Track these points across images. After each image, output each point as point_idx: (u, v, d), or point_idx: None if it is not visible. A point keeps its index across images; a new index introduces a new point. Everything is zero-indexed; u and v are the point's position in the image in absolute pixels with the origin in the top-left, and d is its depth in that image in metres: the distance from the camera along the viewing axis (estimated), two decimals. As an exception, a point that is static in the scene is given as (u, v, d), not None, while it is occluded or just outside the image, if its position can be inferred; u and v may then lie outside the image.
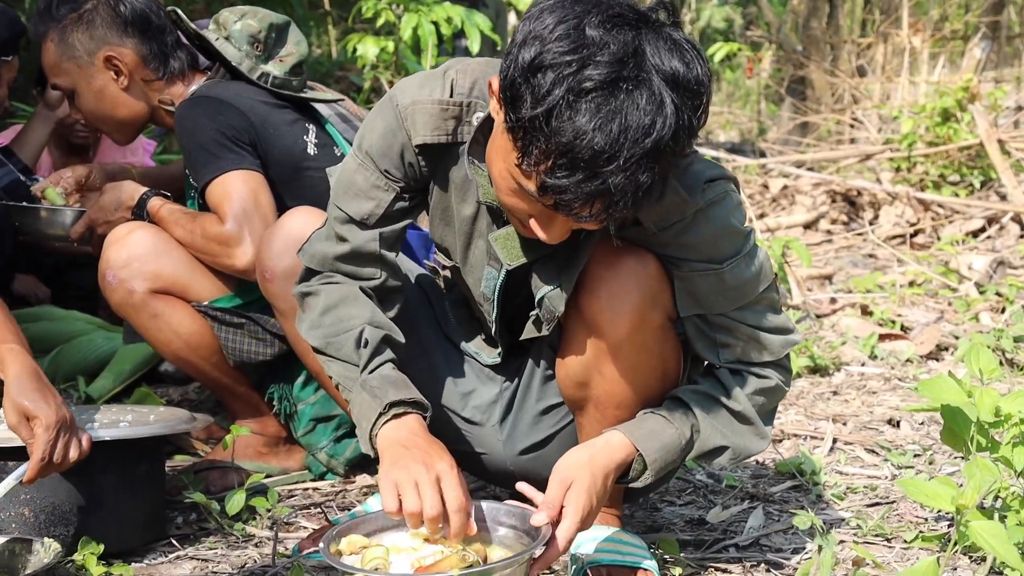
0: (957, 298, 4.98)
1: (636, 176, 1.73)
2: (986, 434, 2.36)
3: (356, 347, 2.16)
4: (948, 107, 7.23)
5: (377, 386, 2.11)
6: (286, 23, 3.09)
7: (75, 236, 3.05)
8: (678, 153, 1.79)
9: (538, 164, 1.75)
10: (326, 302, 2.23)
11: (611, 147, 1.70)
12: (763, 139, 11.35)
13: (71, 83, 3.02)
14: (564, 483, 1.99)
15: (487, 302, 2.26)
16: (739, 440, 2.15)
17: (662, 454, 2.08)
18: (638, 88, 1.71)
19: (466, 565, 1.89)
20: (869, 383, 3.93)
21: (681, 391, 2.16)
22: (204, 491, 2.78)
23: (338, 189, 2.22)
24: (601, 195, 1.75)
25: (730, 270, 2.06)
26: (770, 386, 2.17)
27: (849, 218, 7.06)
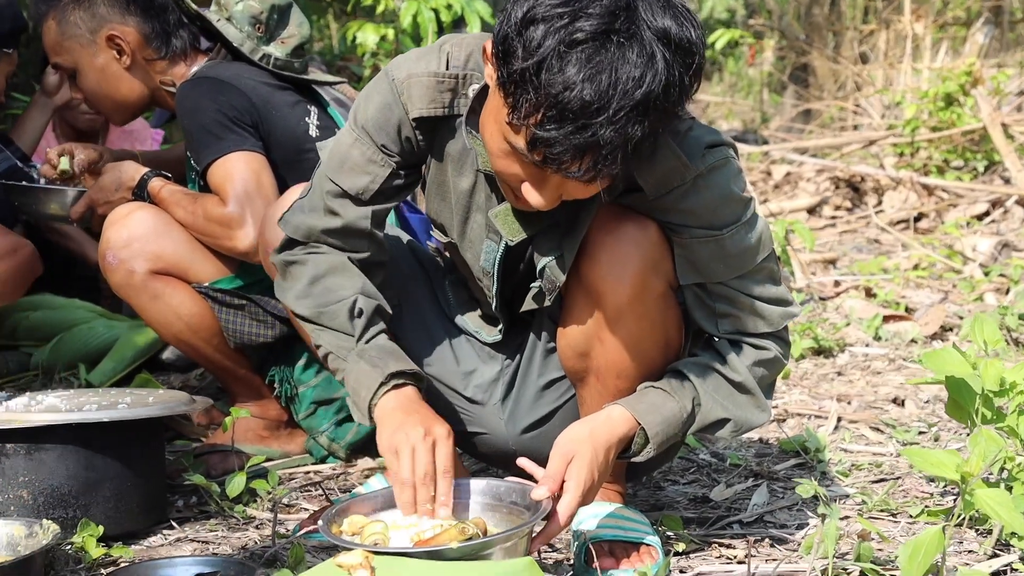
0: (962, 279, 4.96)
1: (625, 129, 1.71)
2: (991, 406, 2.34)
3: (350, 317, 2.15)
4: (951, 92, 7.19)
5: (376, 356, 2.10)
6: (288, 5, 3.07)
7: (75, 216, 3.03)
8: (669, 110, 1.77)
9: (528, 117, 1.74)
10: (314, 272, 2.21)
11: (600, 98, 1.69)
12: (766, 127, 11.30)
13: (72, 62, 3.01)
14: (565, 457, 1.98)
15: (487, 276, 2.24)
16: (740, 412, 2.14)
17: (663, 427, 2.07)
18: (629, 41, 1.70)
19: (465, 538, 1.87)
20: (873, 363, 3.91)
21: (681, 364, 2.15)
22: (205, 474, 2.75)
23: (331, 163, 2.20)
24: (590, 148, 1.73)
25: (730, 237, 2.04)
26: (769, 357, 2.15)
27: (853, 204, 7.04)
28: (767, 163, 7.94)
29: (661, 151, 1.96)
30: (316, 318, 2.20)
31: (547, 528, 1.95)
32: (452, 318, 2.45)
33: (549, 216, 2.06)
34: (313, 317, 2.20)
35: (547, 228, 2.09)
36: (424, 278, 2.47)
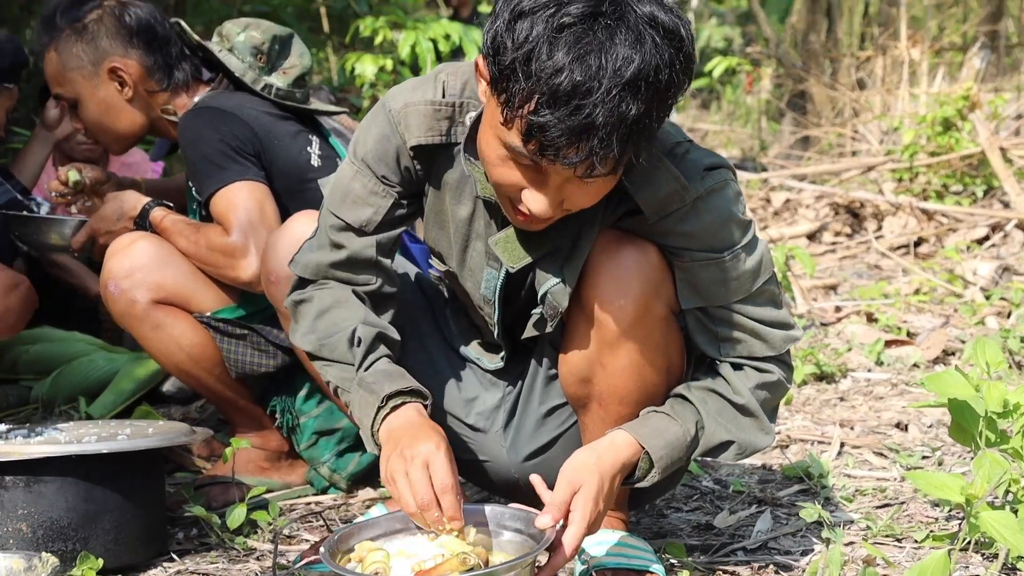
0: (963, 304, 4.95)
1: (619, 108, 1.71)
2: (995, 428, 2.33)
3: (350, 346, 2.15)
4: (949, 117, 7.21)
5: (373, 381, 2.10)
6: (289, 35, 3.08)
7: (76, 246, 3.03)
8: (662, 93, 1.76)
9: (522, 106, 1.74)
10: (319, 307, 2.21)
11: (590, 79, 1.69)
12: (764, 154, 11.33)
13: (74, 93, 3.01)
14: (572, 486, 1.96)
15: (488, 304, 2.24)
16: (743, 435, 2.13)
17: (668, 451, 2.05)
18: (616, 23, 1.72)
19: (467, 568, 1.85)
20: (876, 389, 3.90)
21: (683, 388, 2.14)
22: (205, 506, 2.75)
23: (334, 197, 2.20)
24: (585, 130, 1.72)
25: (731, 260, 2.04)
26: (772, 380, 2.14)
27: (852, 230, 7.04)
28: (766, 190, 7.94)
29: (660, 173, 1.97)
30: (319, 352, 2.20)
31: (552, 559, 1.93)
32: (454, 346, 2.44)
33: (550, 241, 2.06)
34: (316, 351, 2.21)
35: (548, 254, 2.09)
36: (427, 306, 2.48)
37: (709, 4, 20.84)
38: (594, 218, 2.06)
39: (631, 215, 2.05)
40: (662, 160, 1.99)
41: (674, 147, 2.02)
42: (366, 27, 5.66)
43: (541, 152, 1.77)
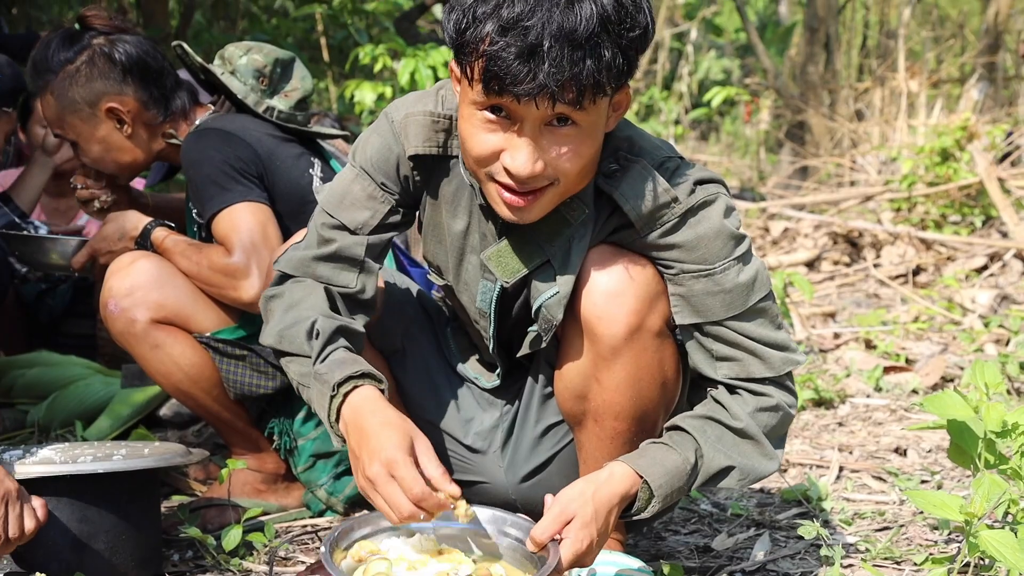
0: (961, 331, 4.95)
1: (563, 25, 1.76)
2: (994, 449, 2.32)
3: (308, 338, 2.11)
4: (947, 147, 7.23)
5: (325, 371, 2.04)
6: (291, 59, 3.09)
7: (77, 266, 3.03)
8: (613, 21, 1.80)
9: (478, 47, 1.80)
10: (289, 301, 2.19)
11: (532, 5, 1.77)
12: (763, 184, 11.36)
13: (75, 135, 3.00)
14: (564, 515, 1.93)
15: (483, 317, 2.24)
16: (745, 460, 2.09)
17: (667, 479, 2.02)
18: None
19: None
20: (874, 414, 3.89)
21: (679, 419, 2.12)
22: (201, 528, 2.73)
23: (331, 199, 2.22)
24: (533, 51, 1.77)
25: (723, 272, 2.04)
26: (770, 404, 2.11)
27: (851, 259, 7.05)
28: (764, 219, 7.96)
29: (650, 186, 2.00)
30: (279, 344, 2.15)
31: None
32: (453, 364, 2.44)
33: (542, 254, 2.07)
34: (276, 344, 2.16)
35: (541, 267, 2.09)
36: (428, 325, 2.48)
37: (708, 37, 20.96)
38: (585, 231, 2.06)
39: (623, 229, 2.06)
40: (653, 173, 2.01)
41: (665, 161, 2.05)
42: (366, 55, 5.69)
43: (500, 85, 1.81)
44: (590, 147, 1.93)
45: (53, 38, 3.00)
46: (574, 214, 2.06)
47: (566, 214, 2.05)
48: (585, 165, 1.94)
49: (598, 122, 1.92)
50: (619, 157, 2.05)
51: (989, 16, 12.21)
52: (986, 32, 12.14)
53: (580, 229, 2.06)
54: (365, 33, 10.06)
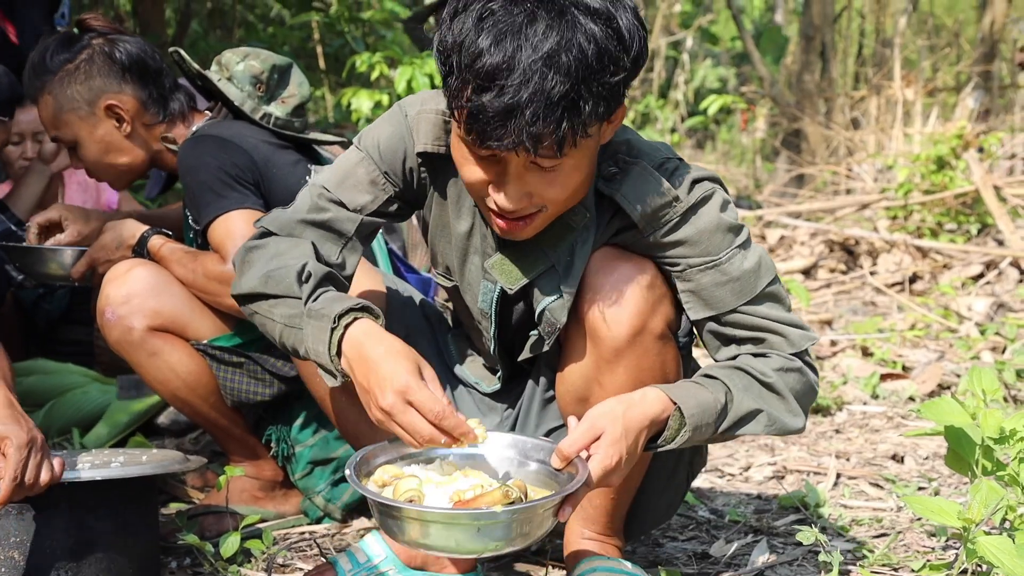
0: (958, 339, 4.96)
1: (541, 84, 1.76)
2: (991, 456, 2.33)
3: (298, 281, 2.05)
4: (943, 155, 7.25)
5: (322, 307, 2.01)
6: (288, 65, 3.09)
7: (76, 275, 3.02)
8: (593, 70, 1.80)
9: (460, 97, 1.82)
10: (274, 251, 2.13)
11: (509, 59, 1.77)
12: (759, 192, 11.37)
13: (72, 135, 3.00)
14: (593, 431, 1.91)
15: (485, 318, 2.24)
16: (772, 409, 2.07)
17: (699, 410, 1.99)
18: (537, 6, 1.79)
19: (509, 501, 1.82)
20: (872, 421, 3.90)
21: (707, 367, 2.11)
22: (199, 535, 2.73)
23: (332, 178, 2.21)
24: (511, 110, 1.77)
25: (728, 260, 2.06)
26: (796, 366, 2.10)
27: (847, 266, 7.05)
28: (761, 227, 7.97)
29: (651, 187, 2.03)
30: (263, 286, 2.08)
31: (576, 493, 1.85)
32: (453, 369, 2.45)
33: (545, 260, 2.07)
34: (259, 286, 2.09)
35: (545, 272, 2.10)
36: (428, 331, 2.49)
37: (704, 45, 20.99)
38: (588, 235, 2.07)
39: (625, 231, 2.08)
40: (653, 174, 2.04)
41: (664, 163, 2.08)
42: (362, 63, 5.69)
43: (480, 139, 1.82)
44: (579, 175, 1.94)
45: (52, 41, 3.00)
46: (576, 219, 2.07)
47: (568, 220, 2.06)
48: (575, 189, 1.96)
49: (587, 154, 1.93)
50: (618, 160, 2.06)
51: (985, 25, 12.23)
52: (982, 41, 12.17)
53: (583, 233, 2.07)
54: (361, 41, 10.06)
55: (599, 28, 1.80)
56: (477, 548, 1.79)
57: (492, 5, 1.80)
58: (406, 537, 1.82)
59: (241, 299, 2.15)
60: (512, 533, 1.80)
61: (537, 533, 1.84)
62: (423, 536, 1.80)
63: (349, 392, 2.13)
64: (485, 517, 1.77)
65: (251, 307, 2.14)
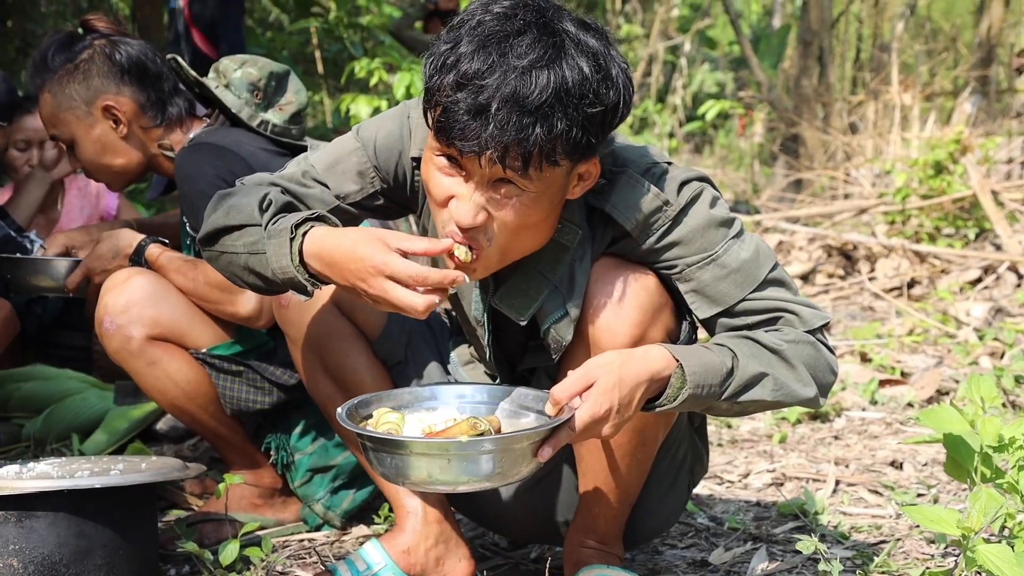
0: (956, 344, 4.96)
1: (514, 92, 1.78)
2: (990, 464, 2.33)
3: (259, 209, 2.06)
4: (940, 160, 7.25)
5: (280, 226, 2.02)
6: (286, 72, 3.10)
7: (72, 286, 3.02)
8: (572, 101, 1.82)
9: (438, 93, 1.85)
10: (244, 192, 2.14)
11: (491, 65, 1.80)
12: (757, 197, 11.38)
13: (69, 134, 3.01)
14: (587, 379, 1.90)
15: (479, 326, 2.24)
16: (779, 375, 2.04)
17: (702, 370, 1.97)
18: (528, 25, 1.83)
19: (476, 433, 1.84)
20: (870, 427, 3.90)
21: (716, 338, 2.10)
22: (198, 542, 2.73)
23: (323, 159, 2.21)
24: (482, 110, 1.80)
25: (724, 252, 2.07)
26: (809, 340, 2.08)
27: (845, 271, 7.06)
28: (759, 232, 7.97)
29: (640, 192, 2.04)
30: (225, 218, 2.09)
31: (556, 435, 1.87)
32: (454, 375, 2.45)
33: (547, 283, 2.08)
34: (223, 218, 2.10)
35: (550, 294, 2.09)
36: (430, 337, 2.49)
37: (702, 50, 21.00)
38: (585, 251, 2.07)
39: (620, 240, 2.09)
40: (640, 181, 2.05)
41: (650, 168, 2.08)
42: (361, 69, 5.70)
43: (448, 136, 1.84)
44: (538, 213, 1.93)
45: (55, 40, 3.01)
46: (569, 238, 2.06)
47: (561, 240, 2.06)
48: (529, 227, 1.95)
49: (549, 190, 1.92)
50: (605, 172, 2.06)
51: (982, 29, 12.27)
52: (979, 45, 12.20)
53: (579, 250, 2.07)
54: (360, 46, 10.07)
55: (587, 63, 1.83)
56: (451, 480, 1.81)
57: (485, 16, 1.84)
58: (384, 468, 1.85)
59: (207, 240, 2.15)
60: (487, 467, 1.82)
61: (515, 472, 1.85)
62: (399, 468, 1.83)
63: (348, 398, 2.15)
64: (454, 447, 1.79)
65: (216, 247, 2.14)
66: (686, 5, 21.33)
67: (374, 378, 2.41)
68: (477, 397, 2.10)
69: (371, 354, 2.43)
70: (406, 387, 2.14)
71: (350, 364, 2.41)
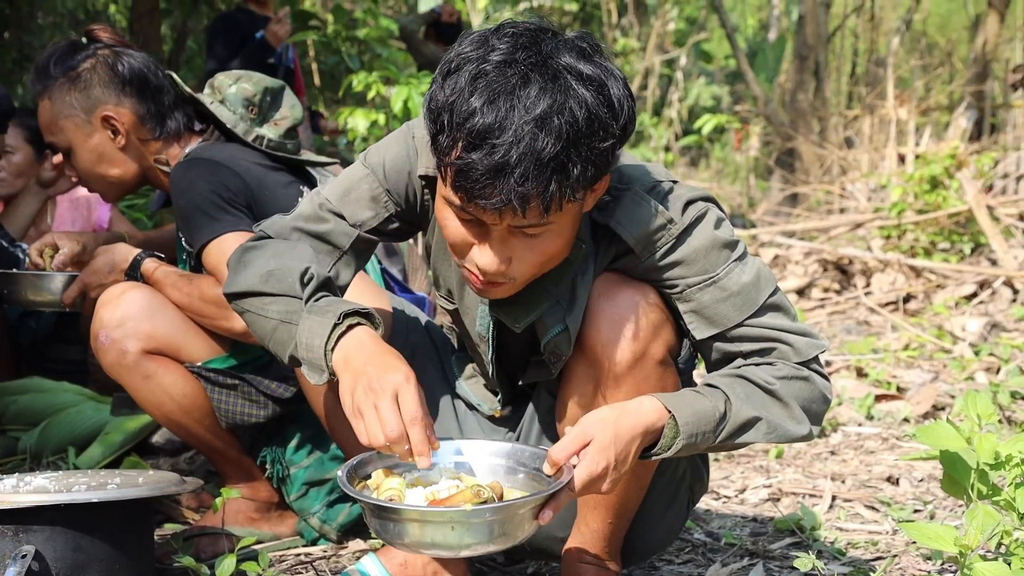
0: (952, 359, 4.97)
1: (532, 145, 1.76)
2: (987, 480, 2.33)
3: (300, 283, 2.08)
4: (936, 175, 7.27)
5: (326, 305, 2.03)
6: (280, 87, 3.10)
7: (68, 301, 3.01)
8: (584, 133, 1.80)
9: (449, 154, 1.82)
10: (274, 251, 2.16)
11: (502, 119, 1.77)
12: (753, 211, 11.40)
13: (67, 141, 3.01)
14: (584, 437, 1.91)
15: (483, 342, 2.25)
16: (773, 416, 2.06)
17: (695, 419, 1.99)
18: (530, 69, 1.80)
19: (480, 501, 1.84)
20: (866, 443, 3.90)
21: (709, 376, 2.11)
22: (195, 556, 2.72)
23: (335, 190, 2.23)
24: (501, 169, 1.77)
25: (726, 275, 2.06)
26: (803, 375, 2.09)
27: (841, 286, 7.07)
28: (755, 246, 7.99)
29: (645, 210, 2.03)
30: (262, 283, 2.10)
31: (557, 497, 1.87)
32: (457, 391, 2.46)
33: (548, 296, 2.08)
34: (259, 283, 2.11)
35: (550, 307, 2.10)
36: (433, 353, 2.50)
37: (698, 63, 21.06)
38: (587, 266, 2.08)
39: (622, 256, 2.09)
40: (645, 198, 2.05)
41: (655, 186, 2.08)
42: (359, 82, 5.70)
43: (468, 197, 1.82)
44: (561, 240, 1.95)
45: (58, 48, 3.02)
46: (573, 252, 2.07)
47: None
48: (554, 255, 1.97)
49: (569, 219, 1.93)
50: (610, 188, 2.06)
51: (977, 45, 12.30)
52: (974, 61, 12.23)
53: (582, 265, 2.08)
54: (357, 59, 10.09)
55: (591, 95, 1.81)
56: (455, 545, 1.82)
57: (486, 67, 1.80)
58: (388, 535, 1.85)
59: (234, 296, 2.16)
60: (489, 532, 1.82)
61: (517, 534, 1.85)
62: (402, 534, 1.83)
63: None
64: (458, 516, 1.80)
65: (243, 304, 2.14)
66: (682, 19, 21.39)
67: None
68: (473, 454, 2.08)
69: None
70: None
71: None
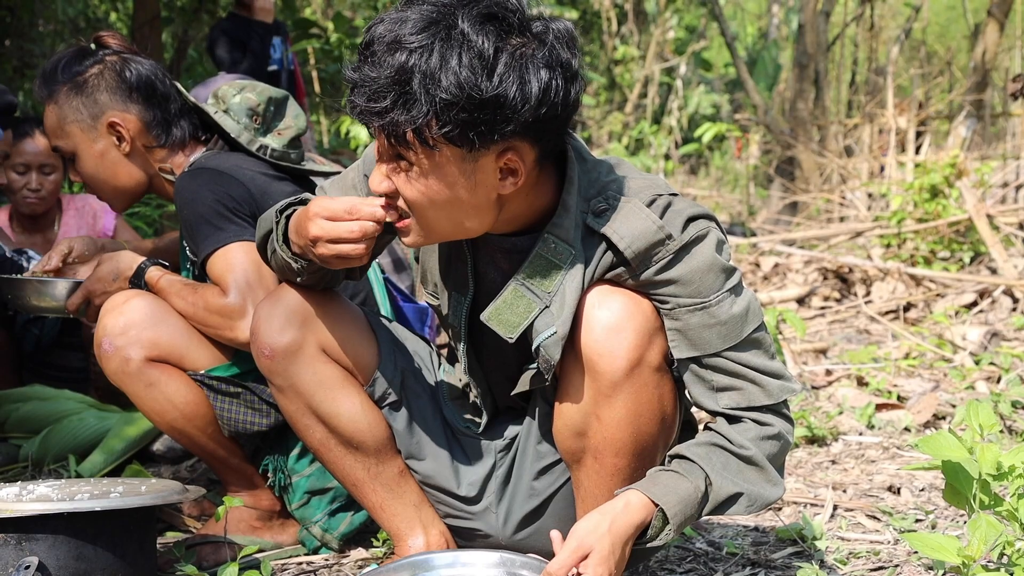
0: (952, 368, 4.97)
1: (390, 61, 1.89)
2: (989, 491, 2.33)
3: (275, 212, 2.29)
4: (936, 183, 7.28)
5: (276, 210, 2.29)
6: (284, 97, 3.11)
7: (72, 308, 3.02)
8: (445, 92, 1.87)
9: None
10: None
11: (380, 36, 1.91)
12: (753, 219, 11.41)
13: (72, 147, 3.02)
14: (581, 550, 1.96)
15: (455, 331, 2.27)
16: (752, 487, 2.12)
17: (681, 507, 2.04)
18: (432, 16, 1.90)
19: None
20: (867, 452, 3.90)
21: (681, 448, 2.14)
22: (196, 565, 2.72)
23: (333, 184, 2.36)
24: (355, 84, 1.94)
25: (717, 304, 2.07)
26: (773, 432, 2.14)
27: (841, 295, 7.07)
28: (755, 255, 7.99)
29: (643, 223, 2.04)
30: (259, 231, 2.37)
31: None
32: (446, 407, 2.47)
33: (536, 301, 2.10)
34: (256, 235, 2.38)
35: (540, 313, 2.11)
36: (423, 375, 2.51)
37: (698, 71, 21.09)
38: (576, 271, 2.08)
39: (617, 267, 2.10)
40: (645, 211, 2.05)
41: (656, 199, 2.09)
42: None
43: (349, 102, 1.97)
44: (440, 192, 2.00)
45: (66, 53, 3.03)
46: (561, 257, 2.08)
47: (552, 258, 2.08)
48: (441, 206, 2.02)
49: (448, 173, 1.98)
50: (608, 196, 2.07)
51: (977, 54, 12.32)
52: (974, 69, 12.25)
53: (570, 269, 2.09)
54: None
55: (466, 57, 1.87)
56: None
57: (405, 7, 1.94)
58: None
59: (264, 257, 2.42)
60: None
61: None
62: None
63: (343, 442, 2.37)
64: None
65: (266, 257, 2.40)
66: (682, 27, 21.42)
67: (370, 424, 2.42)
68: (468, 565, 2.11)
69: (365, 398, 2.43)
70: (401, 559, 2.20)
71: (344, 412, 2.41)
